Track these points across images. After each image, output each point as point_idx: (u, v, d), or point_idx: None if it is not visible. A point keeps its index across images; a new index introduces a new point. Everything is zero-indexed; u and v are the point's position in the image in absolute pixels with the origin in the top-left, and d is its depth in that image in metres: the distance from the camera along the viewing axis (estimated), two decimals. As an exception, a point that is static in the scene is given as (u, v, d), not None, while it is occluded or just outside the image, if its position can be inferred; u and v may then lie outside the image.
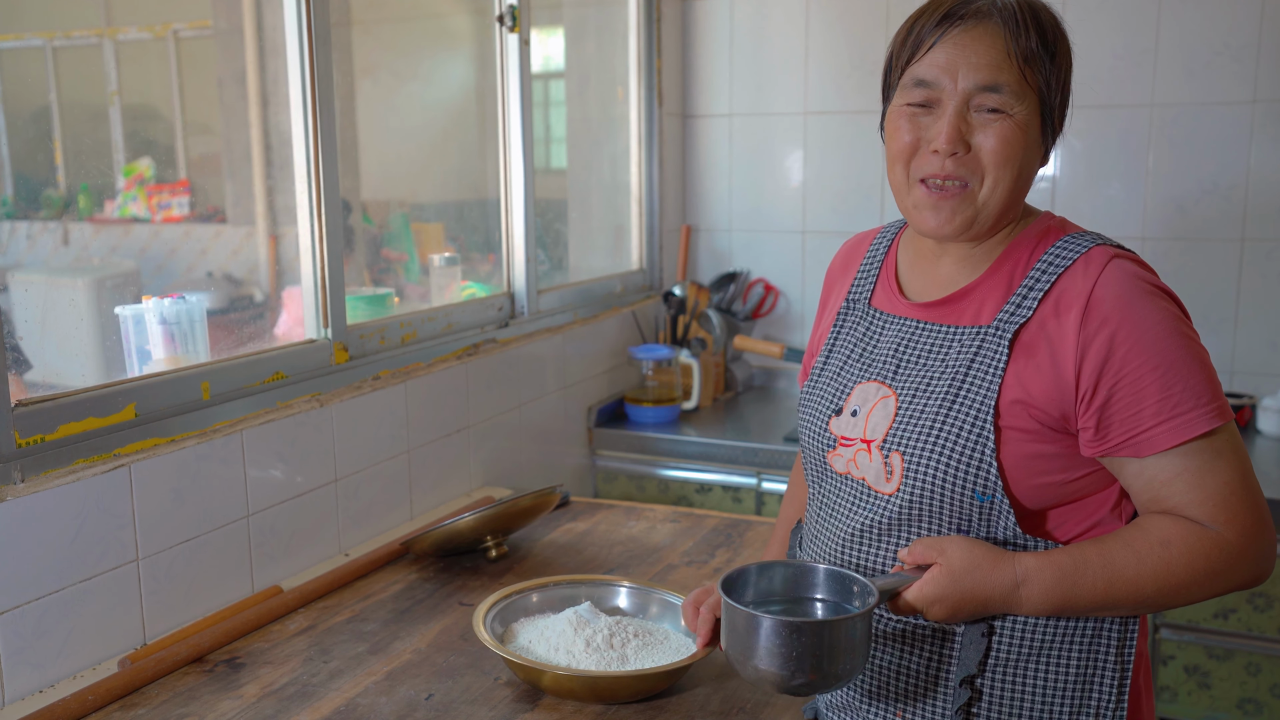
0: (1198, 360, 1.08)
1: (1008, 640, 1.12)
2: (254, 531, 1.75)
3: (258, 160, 2.55)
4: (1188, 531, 1.07)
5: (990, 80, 1.09)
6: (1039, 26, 1.11)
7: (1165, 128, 2.81)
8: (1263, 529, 1.08)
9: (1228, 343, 2.82)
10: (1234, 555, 1.07)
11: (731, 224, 3.32)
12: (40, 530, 1.41)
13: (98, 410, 1.50)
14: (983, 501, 1.10)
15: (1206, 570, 1.06)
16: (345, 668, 1.50)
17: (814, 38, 3.11)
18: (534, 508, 1.88)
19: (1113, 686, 1.13)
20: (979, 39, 1.10)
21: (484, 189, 2.64)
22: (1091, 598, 1.08)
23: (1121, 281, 1.09)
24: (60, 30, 2.63)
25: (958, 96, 1.10)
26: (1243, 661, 2.33)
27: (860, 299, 1.27)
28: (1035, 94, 1.12)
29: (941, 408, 1.12)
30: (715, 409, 3.06)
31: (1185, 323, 1.11)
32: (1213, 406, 1.07)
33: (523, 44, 2.47)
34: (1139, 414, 1.07)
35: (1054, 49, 1.13)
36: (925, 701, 1.15)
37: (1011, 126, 1.10)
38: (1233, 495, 1.07)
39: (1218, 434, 1.07)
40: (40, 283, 2.15)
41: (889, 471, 1.14)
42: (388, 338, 2.09)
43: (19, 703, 1.39)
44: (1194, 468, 1.07)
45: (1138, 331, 1.07)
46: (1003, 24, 1.10)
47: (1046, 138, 1.16)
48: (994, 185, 1.11)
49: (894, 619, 1.15)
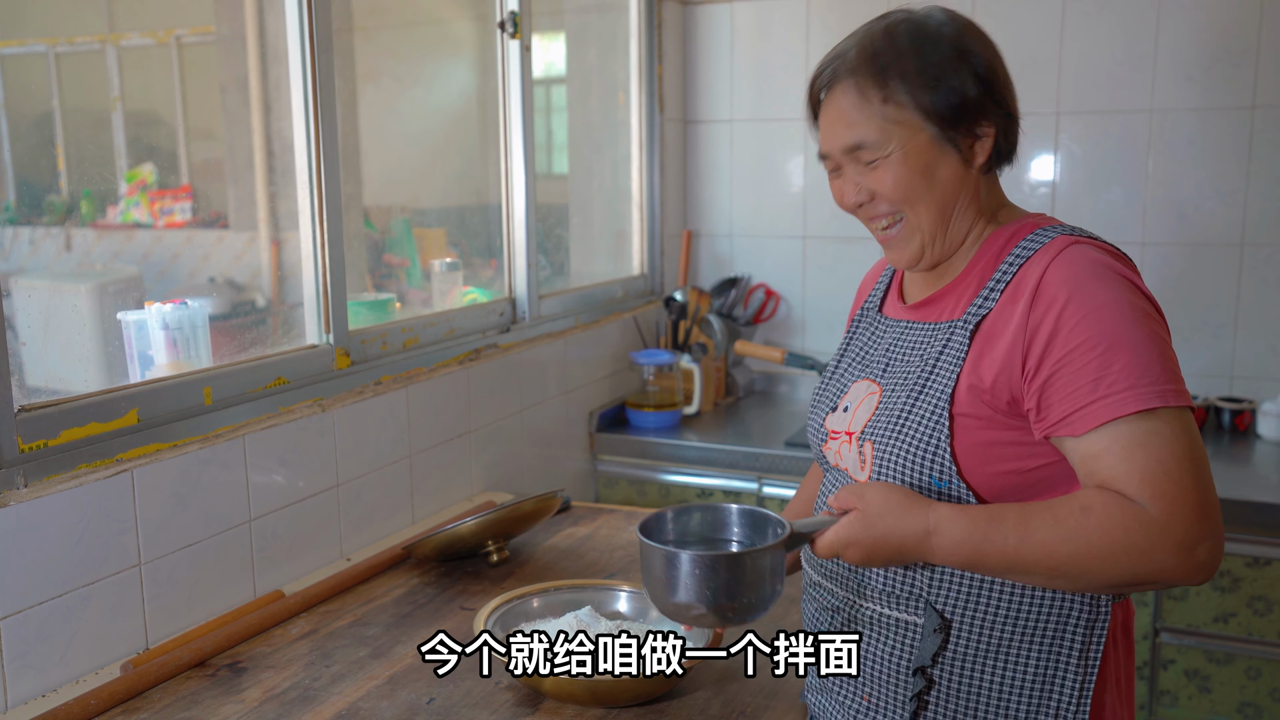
0: (1146, 341, 1.06)
1: (966, 635, 1.14)
2: (256, 536, 1.76)
3: (260, 166, 2.56)
4: (1110, 501, 1.03)
5: (851, 141, 1.16)
6: (895, 54, 1.14)
7: (1165, 133, 2.82)
8: (1199, 517, 1.02)
9: (1227, 347, 2.82)
10: (1156, 534, 1.01)
11: (732, 229, 3.33)
12: (43, 535, 1.42)
13: (100, 415, 1.50)
14: (941, 488, 1.12)
15: (1124, 544, 1.01)
16: (347, 672, 1.50)
17: (814, 43, 3.12)
18: (535, 512, 1.89)
19: (1074, 688, 1.13)
20: (837, 103, 1.17)
21: (485, 194, 2.65)
22: (1001, 555, 1.07)
23: (1073, 264, 1.10)
24: (63, 36, 2.64)
25: (842, 160, 1.19)
26: (1243, 666, 2.33)
27: (873, 306, 1.34)
28: (912, 120, 1.14)
29: (909, 399, 1.16)
30: (716, 414, 3.07)
31: (1141, 304, 1.09)
32: (1154, 388, 1.04)
33: (524, 50, 2.48)
34: (1076, 391, 1.06)
35: (925, 62, 1.14)
36: (888, 687, 1.19)
37: (891, 165, 1.15)
38: (1164, 474, 1.02)
39: (1157, 415, 1.04)
40: (43, 288, 2.16)
41: (862, 461, 1.19)
42: (389, 343, 2.09)
43: (21, 707, 1.39)
44: (1124, 443, 1.04)
45: (1083, 310, 1.07)
46: (853, 80, 1.16)
47: (960, 139, 1.16)
48: (914, 212, 1.17)
49: (868, 605, 1.19)
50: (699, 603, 1.11)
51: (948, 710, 1.16)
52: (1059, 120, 2.91)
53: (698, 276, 3.39)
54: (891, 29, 1.16)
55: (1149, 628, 2.39)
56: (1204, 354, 2.85)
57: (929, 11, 1.18)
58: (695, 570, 1.11)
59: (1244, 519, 2.28)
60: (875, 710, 1.20)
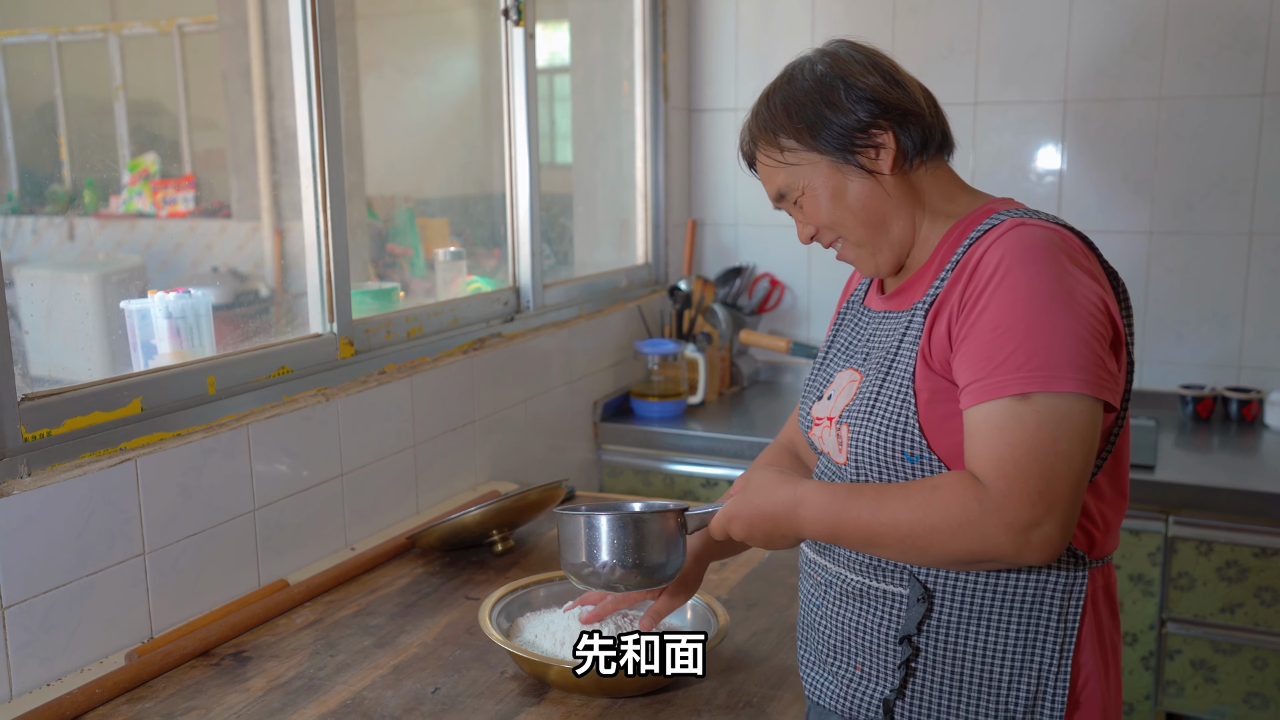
0: (1050, 326, 1.08)
1: (948, 603, 1.18)
2: (260, 526, 1.75)
3: (262, 155, 2.55)
4: (957, 481, 1.09)
5: (775, 193, 1.31)
6: (773, 117, 1.28)
7: (1173, 121, 2.80)
8: (1033, 501, 1.05)
9: (1235, 337, 2.81)
10: (991, 513, 1.05)
11: (737, 218, 3.31)
12: (47, 524, 1.41)
13: (104, 405, 1.50)
14: (912, 462, 1.17)
15: (961, 521, 1.07)
16: (351, 661, 1.50)
17: (819, 30, 3.11)
18: (540, 502, 1.88)
19: (1054, 650, 1.17)
20: (759, 168, 1.33)
21: (489, 184, 2.64)
22: (857, 526, 1.15)
23: (1009, 244, 1.14)
24: (65, 25, 2.63)
25: (783, 207, 1.33)
26: (1249, 656, 2.32)
27: (858, 300, 1.40)
28: (807, 157, 1.26)
29: (877, 381, 1.22)
30: (721, 403, 3.06)
31: (1067, 288, 1.10)
32: (1039, 373, 1.07)
33: (528, 38, 2.47)
34: (971, 367, 1.11)
35: (798, 112, 1.26)
36: (877, 656, 1.23)
37: (809, 199, 1.27)
38: (1011, 458, 1.06)
39: (1030, 400, 1.06)
40: (46, 277, 2.15)
41: (840, 443, 1.25)
42: (393, 332, 2.09)
43: (26, 695, 1.39)
44: (991, 424, 1.08)
45: (1001, 291, 1.11)
46: (758, 149, 1.31)
47: (857, 156, 1.24)
48: (848, 231, 1.27)
49: (855, 578, 1.24)
50: (609, 560, 1.28)
51: (934, 675, 1.20)
52: (1066, 108, 2.89)
53: (702, 266, 3.38)
54: (769, 95, 1.31)
55: (1155, 618, 2.38)
56: (1212, 344, 2.84)
57: (803, 61, 1.30)
58: (608, 529, 1.28)
59: (1251, 509, 2.27)
60: (867, 679, 1.24)
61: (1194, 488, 2.31)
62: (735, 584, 1.77)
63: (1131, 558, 2.38)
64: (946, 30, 2.98)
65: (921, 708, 1.21)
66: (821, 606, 1.29)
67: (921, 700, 1.20)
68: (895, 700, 1.21)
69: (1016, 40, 2.92)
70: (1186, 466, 2.44)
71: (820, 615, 1.29)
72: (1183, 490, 2.32)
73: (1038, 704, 1.17)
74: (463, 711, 1.35)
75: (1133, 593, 2.39)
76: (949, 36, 2.98)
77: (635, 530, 1.28)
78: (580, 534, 1.29)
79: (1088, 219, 2.90)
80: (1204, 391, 2.79)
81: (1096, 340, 1.09)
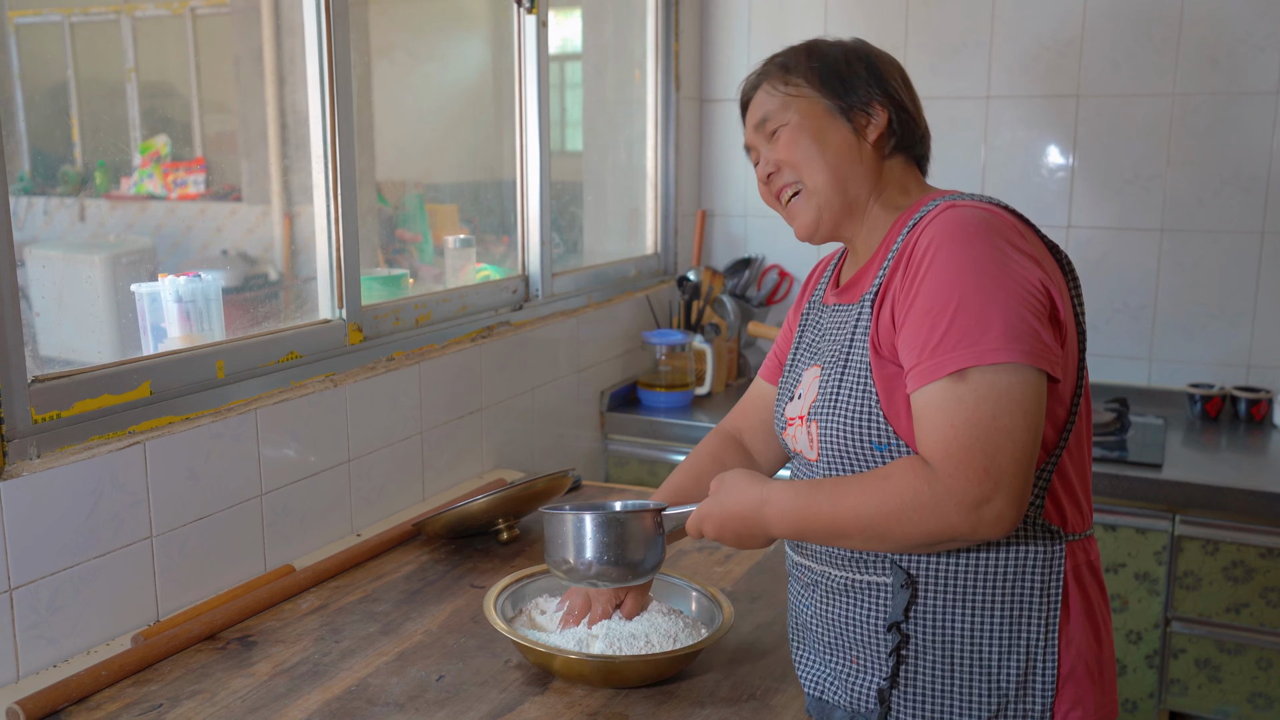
0: (983, 301, 1.10)
1: (932, 588, 1.20)
2: (267, 510, 1.76)
3: (273, 139, 2.55)
4: (907, 466, 1.11)
5: (758, 118, 1.33)
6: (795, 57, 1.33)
7: (1186, 118, 2.78)
8: (980, 478, 1.07)
9: (1246, 336, 2.80)
10: (941, 494, 1.08)
11: (747, 209, 3.31)
12: (55, 506, 1.42)
13: (113, 387, 1.50)
14: (881, 451, 1.19)
15: (914, 505, 1.09)
16: (357, 647, 1.50)
17: (833, 21, 3.09)
18: (546, 491, 1.89)
19: (1040, 626, 1.19)
20: (754, 100, 1.36)
21: (499, 171, 2.63)
22: (819, 519, 1.17)
23: (940, 226, 1.16)
24: (78, 7, 2.63)
25: (755, 141, 1.36)
26: (1254, 656, 2.32)
27: (819, 299, 1.42)
28: (807, 92, 1.30)
29: (836, 375, 1.24)
30: (728, 394, 3.06)
31: (997, 261, 1.12)
32: (973, 349, 1.08)
33: (540, 25, 2.46)
34: (912, 352, 1.14)
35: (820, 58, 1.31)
36: (869, 647, 1.25)
37: (789, 129, 1.30)
38: (954, 439, 1.08)
39: (966, 377, 1.08)
40: (57, 258, 2.15)
41: (810, 440, 1.27)
42: (402, 319, 2.09)
43: (33, 677, 1.40)
44: (934, 407, 1.10)
45: (933, 272, 1.13)
46: (765, 81, 1.34)
47: (852, 113, 1.29)
48: (810, 174, 1.29)
49: (839, 573, 1.26)
50: (590, 557, 1.33)
51: (925, 660, 1.21)
52: (1079, 104, 2.87)
53: (711, 256, 3.37)
54: (796, 46, 1.35)
55: (1160, 617, 2.38)
56: (1221, 343, 2.83)
57: (833, 39, 1.35)
58: (590, 528, 1.33)
59: (1259, 509, 2.26)
60: (861, 670, 1.26)
61: (1201, 487, 2.31)
62: (740, 577, 1.77)
63: (1137, 556, 2.38)
64: (959, 23, 2.97)
65: (916, 693, 1.22)
66: (811, 606, 1.31)
67: (915, 686, 1.22)
68: (890, 689, 1.23)
69: (1029, 34, 2.90)
70: (1194, 466, 2.43)
71: (812, 614, 1.31)
72: (1190, 489, 2.32)
73: (1029, 680, 1.19)
74: (466, 700, 1.36)
75: (1138, 591, 2.39)
76: (962, 29, 2.97)
77: (615, 529, 1.33)
78: (563, 532, 1.35)
79: (1099, 215, 2.89)
80: (1213, 390, 2.78)
81: (1030, 312, 1.11)
